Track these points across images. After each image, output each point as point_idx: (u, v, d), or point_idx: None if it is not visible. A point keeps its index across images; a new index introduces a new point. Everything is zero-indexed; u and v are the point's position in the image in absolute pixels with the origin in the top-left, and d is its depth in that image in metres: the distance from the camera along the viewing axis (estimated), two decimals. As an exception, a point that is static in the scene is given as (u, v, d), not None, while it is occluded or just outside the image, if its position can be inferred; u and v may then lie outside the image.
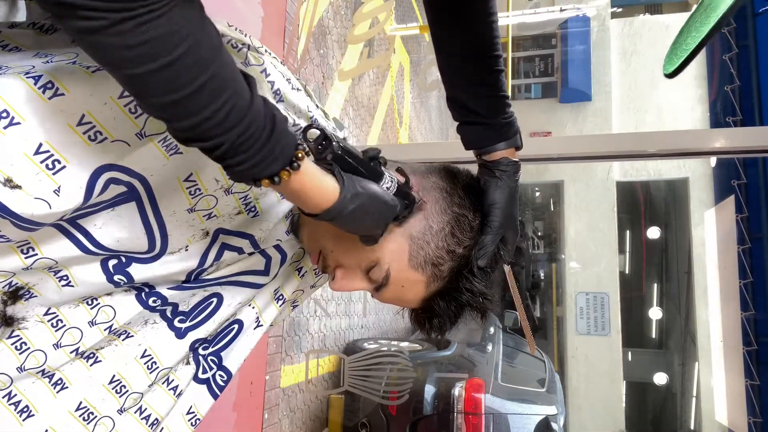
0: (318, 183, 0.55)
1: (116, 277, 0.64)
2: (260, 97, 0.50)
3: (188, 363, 0.74)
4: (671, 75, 0.55)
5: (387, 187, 0.60)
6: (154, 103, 0.45)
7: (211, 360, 0.75)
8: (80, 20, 0.39)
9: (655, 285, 11.71)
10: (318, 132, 0.54)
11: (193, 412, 0.74)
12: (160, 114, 0.46)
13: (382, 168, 0.61)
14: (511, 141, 0.75)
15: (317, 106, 0.71)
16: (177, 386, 0.73)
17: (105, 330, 0.68)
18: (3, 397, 0.65)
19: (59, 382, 0.67)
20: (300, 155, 0.52)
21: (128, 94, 0.54)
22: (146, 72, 0.42)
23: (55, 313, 0.65)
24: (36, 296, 0.63)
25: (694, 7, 0.54)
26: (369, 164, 0.59)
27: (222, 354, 0.75)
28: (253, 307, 0.76)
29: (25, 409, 0.65)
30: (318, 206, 0.56)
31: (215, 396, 0.76)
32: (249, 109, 0.48)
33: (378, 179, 0.60)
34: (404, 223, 0.66)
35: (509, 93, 0.81)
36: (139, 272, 0.65)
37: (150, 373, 0.71)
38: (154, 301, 0.70)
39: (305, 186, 0.54)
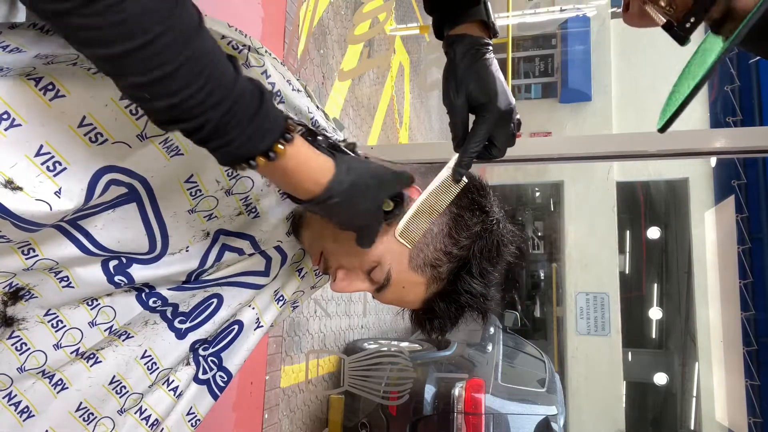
0: (314, 156, 0.54)
1: (117, 278, 0.64)
2: (245, 75, 0.48)
3: (188, 364, 0.74)
4: (662, 129, 0.52)
5: None
6: (132, 83, 0.43)
7: (212, 361, 0.75)
8: (51, 3, 0.39)
9: (655, 285, 11.70)
10: (300, 127, 0.54)
11: (194, 413, 0.75)
12: (138, 94, 0.44)
13: (366, 158, 0.62)
14: (474, 11, 0.69)
15: (317, 107, 0.71)
16: (177, 387, 0.73)
17: (105, 331, 0.68)
18: (3, 398, 0.65)
19: (59, 382, 0.67)
20: (291, 126, 0.51)
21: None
22: (123, 51, 0.41)
23: (55, 313, 0.65)
24: (36, 297, 0.63)
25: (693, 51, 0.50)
26: (353, 153, 0.60)
27: (222, 355, 0.75)
28: (254, 308, 0.76)
29: (26, 410, 0.66)
30: (317, 182, 0.54)
31: (215, 396, 0.76)
32: (234, 85, 0.46)
33: None
34: (392, 223, 0.66)
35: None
36: (139, 273, 0.65)
37: (150, 373, 0.71)
38: (155, 302, 0.70)
39: (301, 160, 0.52)
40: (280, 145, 0.50)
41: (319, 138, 0.57)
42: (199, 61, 0.44)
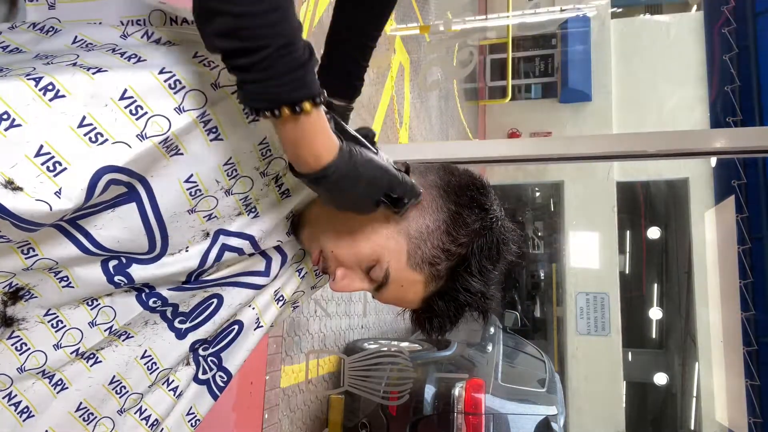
0: (326, 132, 0.54)
1: (116, 278, 0.64)
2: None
3: (188, 364, 0.74)
4: None
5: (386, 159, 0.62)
6: None
7: (211, 361, 0.75)
8: None
9: (655, 285, 11.71)
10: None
11: (193, 413, 0.75)
12: None
13: (376, 148, 0.62)
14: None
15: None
16: (177, 387, 0.73)
17: (105, 331, 0.68)
18: (3, 398, 0.65)
19: (59, 382, 0.67)
20: (323, 95, 0.52)
21: (128, 96, 0.54)
22: None
23: (55, 313, 0.65)
24: (36, 297, 0.63)
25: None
26: (365, 140, 0.60)
27: (222, 355, 0.75)
28: (254, 308, 0.76)
29: (26, 410, 0.66)
30: (321, 156, 0.54)
31: (215, 397, 0.76)
32: (296, 31, 0.47)
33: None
34: (405, 216, 0.67)
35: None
36: (139, 273, 0.65)
37: (150, 373, 0.71)
38: (155, 302, 0.70)
39: (316, 128, 0.53)
40: (308, 103, 0.50)
41: (332, 120, 0.57)
42: None
